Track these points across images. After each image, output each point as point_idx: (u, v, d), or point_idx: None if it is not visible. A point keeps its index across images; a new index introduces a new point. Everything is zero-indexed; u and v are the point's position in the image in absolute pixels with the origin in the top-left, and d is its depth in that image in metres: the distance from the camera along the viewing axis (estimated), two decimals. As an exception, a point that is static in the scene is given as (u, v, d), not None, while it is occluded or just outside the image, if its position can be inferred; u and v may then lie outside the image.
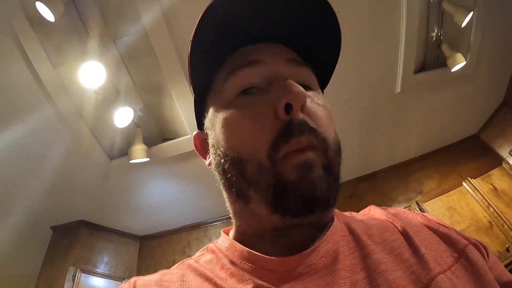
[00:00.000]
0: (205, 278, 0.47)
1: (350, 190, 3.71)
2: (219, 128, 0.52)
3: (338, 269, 0.43)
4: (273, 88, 0.49)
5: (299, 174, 0.43)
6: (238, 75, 0.52)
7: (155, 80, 2.46)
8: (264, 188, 0.46)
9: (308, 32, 0.55)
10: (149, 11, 2.01)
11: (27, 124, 2.38)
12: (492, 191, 3.15)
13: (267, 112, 0.48)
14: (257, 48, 0.55)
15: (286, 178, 0.44)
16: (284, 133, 0.45)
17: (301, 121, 0.46)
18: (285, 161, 0.44)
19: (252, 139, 0.47)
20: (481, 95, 3.19)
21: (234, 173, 0.48)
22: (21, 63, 2.09)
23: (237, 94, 0.52)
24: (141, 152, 2.57)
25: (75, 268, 3.29)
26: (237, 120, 0.50)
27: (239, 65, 0.53)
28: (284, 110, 0.46)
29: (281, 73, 0.51)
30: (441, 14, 2.50)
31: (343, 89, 2.67)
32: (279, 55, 0.54)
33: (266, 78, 0.51)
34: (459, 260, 0.47)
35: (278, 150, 0.45)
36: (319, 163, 0.45)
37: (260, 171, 0.46)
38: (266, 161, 0.45)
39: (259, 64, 0.52)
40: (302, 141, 0.45)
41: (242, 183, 0.48)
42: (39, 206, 3.24)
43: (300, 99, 0.46)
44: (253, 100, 0.50)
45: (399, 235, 0.51)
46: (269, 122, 0.47)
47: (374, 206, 0.64)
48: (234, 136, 0.49)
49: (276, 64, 0.53)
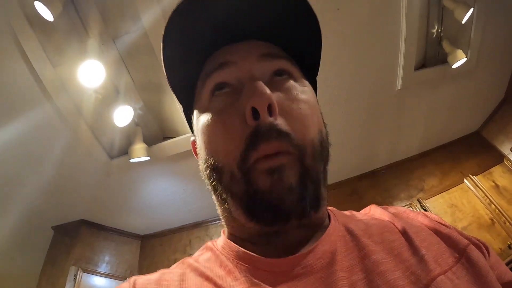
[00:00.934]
0: (205, 277, 0.46)
1: (351, 188, 3.70)
2: (200, 136, 0.53)
3: (336, 270, 0.43)
4: (243, 92, 0.48)
5: (268, 183, 0.43)
6: (211, 78, 0.52)
7: (155, 78, 2.46)
8: (238, 197, 0.46)
9: (283, 24, 0.54)
10: (148, 10, 2.01)
11: (27, 124, 2.38)
12: (493, 188, 3.15)
13: (236, 119, 0.47)
14: (230, 49, 0.54)
15: (255, 188, 0.44)
16: (253, 141, 0.44)
17: (269, 125, 0.44)
18: (254, 168, 0.44)
19: (223, 148, 0.47)
20: (482, 91, 3.18)
21: (214, 179, 0.49)
22: (21, 63, 2.09)
23: (210, 94, 0.52)
24: (141, 151, 2.57)
25: (77, 267, 3.29)
26: (210, 128, 0.50)
27: (211, 69, 0.53)
28: (251, 116, 0.45)
29: (252, 72, 0.50)
30: (441, 10, 2.49)
31: (343, 87, 2.66)
32: (250, 53, 0.53)
33: (238, 78, 0.51)
34: (460, 261, 0.46)
35: (248, 159, 0.44)
36: (291, 170, 0.44)
37: (232, 180, 0.46)
38: (236, 171, 0.45)
39: (230, 65, 0.52)
40: (271, 147, 0.44)
41: (221, 189, 0.48)
42: (39, 205, 3.25)
43: (263, 102, 0.44)
44: (225, 103, 0.50)
45: (399, 235, 0.51)
46: (239, 130, 0.46)
47: (375, 205, 0.63)
48: (210, 144, 0.50)
49: (247, 62, 0.52)
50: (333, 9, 2.15)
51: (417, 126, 3.32)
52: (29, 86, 2.21)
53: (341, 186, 3.66)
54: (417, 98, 2.96)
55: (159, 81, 2.46)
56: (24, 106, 2.32)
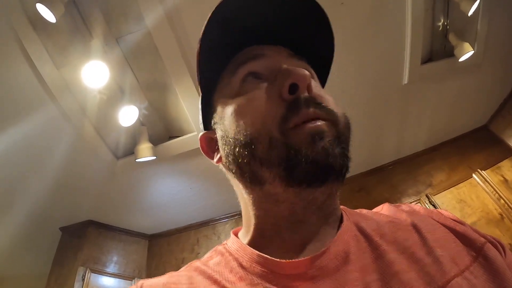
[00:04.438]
0: (213, 281, 0.47)
1: (358, 184, 3.68)
2: (229, 116, 0.53)
3: (350, 271, 0.43)
4: (278, 76, 0.50)
5: (311, 142, 0.44)
6: (244, 67, 0.55)
7: (159, 78, 2.46)
8: (276, 164, 0.46)
9: (305, 35, 0.59)
10: (151, 10, 2.01)
11: (32, 125, 2.40)
12: (502, 182, 3.11)
13: (273, 95, 0.50)
14: (259, 47, 0.58)
15: (298, 148, 0.44)
16: (293, 108, 0.47)
17: (307, 97, 0.48)
18: (296, 132, 0.45)
19: (261, 118, 0.48)
20: (489, 85, 3.15)
21: (245, 155, 0.49)
22: (25, 65, 2.10)
23: (242, 80, 0.55)
24: (147, 151, 2.57)
25: (85, 268, 3.32)
26: (245, 104, 0.51)
27: (245, 59, 0.56)
28: (288, 91, 0.48)
29: (284, 65, 0.52)
30: (447, 3, 2.46)
31: (350, 83, 2.65)
32: (281, 51, 0.58)
33: (271, 69, 0.54)
34: (477, 259, 0.46)
35: (288, 122, 0.46)
36: (329, 133, 0.46)
37: (271, 146, 0.46)
38: (277, 133, 0.46)
39: (264, 57, 0.56)
40: (310, 113, 0.46)
41: (254, 164, 0.48)
42: (47, 207, 3.28)
43: (305, 79, 0.48)
44: (259, 85, 0.53)
45: (412, 234, 0.50)
46: (276, 102, 0.49)
47: (388, 204, 0.63)
48: (243, 119, 0.50)
49: (280, 58, 0.56)
50: (337, 3, 2.13)
51: (424, 120, 3.29)
52: (33, 88, 2.22)
53: (348, 183, 3.58)
54: (424, 92, 2.93)
55: (163, 80, 2.46)
56: (29, 108, 2.33)
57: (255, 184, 0.50)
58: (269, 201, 0.50)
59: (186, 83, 2.33)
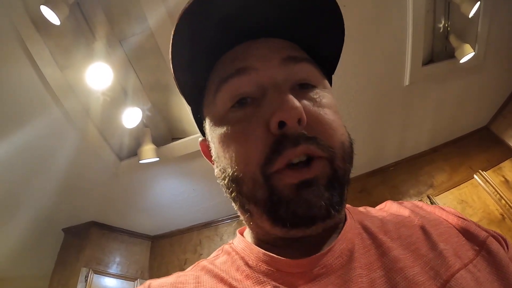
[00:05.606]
0: (220, 279, 0.47)
1: (360, 185, 3.68)
2: (217, 144, 0.51)
3: (355, 268, 0.43)
4: (266, 101, 0.46)
5: (294, 191, 0.42)
6: (228, 85, 0.49)
7: (163, 79, 2.47)
8: (261, 202, 0.45)
9: (307, 21, 0.51)
10: (153, 11, 2.01)
11: (35, 127, 2.40)
12: (503, 183, 3.11)
13: (259, 127, 0.45)
14: (246, 50, 0.51)
15: (280, 195, 0.43)
16: (277, 147, 0.43)
17: (296, 134, 0.43)
18: (278, 177, 0.43)
19: (245, 156, 0.45)
20: (490, 86, 3.15)
21: (234, 189, 0.48)
22: (28, 67, 2.11)
23: (229, 106, 0.49)
24: (150, 152, 2.58)
25: (88, 269, 3.32)
26: (230, 138, 0.48)
27: (227, 73, 0.50)
28: (277, 127, 0.43)
29: (275, 80, 0.48)
30: (448, 4, 2.47)
31: (351, 85, 2.65)
32: (271, 57, 0.50)
33: (259, 85, 0.48)
34: (480, 253, 0.47)
35: (272, 164, 0.43)
36: (320, 175, 0.43)
37: (255, 187, 0.44)
38: (259, 176, 0.44)
39: (249, 71, 0.48)
40: (297, 152, 0.42)
41: (242, 199, 0.47)
42: (50, 208, 3.28)
43: (295, 116, 0.43)
44: (246, 114, 0.48)
45: (415, 230, 0.50)
46: (262, 137, 0.45)
47: (391, 201, 0.63)
48: (229, 154, 0.47)
49: (269, 68, 0.49)
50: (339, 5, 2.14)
51: (425, 121, 3.29)
52: (36, 90, 2.23)
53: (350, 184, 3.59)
54: (425, 93, 2.93)
55: (166, 81, 2.47)
56: (32, 110, 2.34)
57: (245, 213, 0.49)
58: (259, 228, 0.50)
59: (188, 84, 2.34)
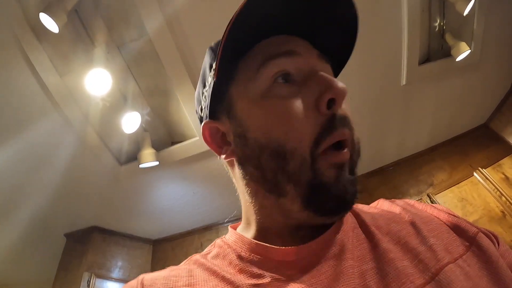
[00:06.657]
0: (212, 272, 0.47)
1: (360, 186, 3.60)
2: (257, 117, 0.50)
3: (347, 259, 0.44)
4: (313, 82, 0.49)
5: (335, 178, 0.45)
6: (274, 63, 0.50)
7: (161, 84, 2.48)
8: (303, 184, 0.46)
9: (331, 33, 0.56)
10: (151, 17, 2.02)
11: (36, 133, 2.41)
12: (503, 180, 3.11)
13: (309, 105, 0.48)
14: (288, 39, 0.54)
15: (321, 179, 0.45)
16: (328, 127, 0.46)
17: (343, 115, 0.48)
18: (323, 160, 0.46)
19: (299, 134, 0.46)
20: (488, 83, 3.15)
21: (273, 166, 0.47)
22: (28, 73, 2.12)
23: (273, 81, 0.50)
24: (150, 156, 2.59)
25: (90, 273, 3.31)
26: (281, 111, 0.48)
27: (275, 53, 0.51)
28: (326, 105, 0.47)
29: (316, 68, 0.51)
30: (443, 3, 2.48)
31: (348, 85, 2.57)
32: (312, 51, 0.54)
33: (302, 70, 0.51)
34: (471, 248, 0.47)
35: (319, 145, 0.46)
36: (349, 166, 0.48)
37: (302, 166, 0.46)
38: (308, 156, 0.45)
39: (296, 55, 0.51)
40: (345, 133, 0.47)
41: (281, 177, 0.47)
42: (51, 213, 3.29)
43: (344, 95, 0.47)
44: (292, 90, 0.49)
45: (406, 225, 0.51)
46: (312, 116, 0.47)
47: (383, 199, 0.64)
48: (278, 129, 0.47)
49: (311, 57, 0.53)
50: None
51: (424, 121, 3.30)
52: (36, 96, 2.24)
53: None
54: (422, 92, 2.94)
55: (165, 86, 2.48)
56: (32, 116, 2.35)
57: (273, 193, 0.49)
58: (279, 213, 0.50)
59: (187, 88, 2.35)
